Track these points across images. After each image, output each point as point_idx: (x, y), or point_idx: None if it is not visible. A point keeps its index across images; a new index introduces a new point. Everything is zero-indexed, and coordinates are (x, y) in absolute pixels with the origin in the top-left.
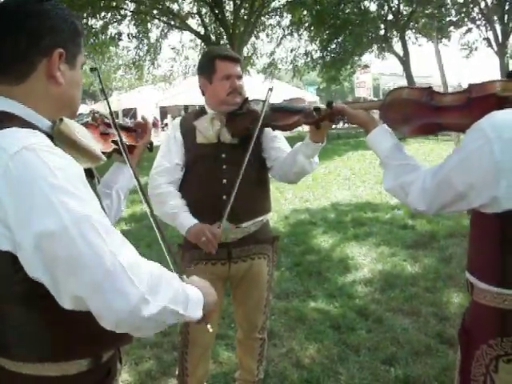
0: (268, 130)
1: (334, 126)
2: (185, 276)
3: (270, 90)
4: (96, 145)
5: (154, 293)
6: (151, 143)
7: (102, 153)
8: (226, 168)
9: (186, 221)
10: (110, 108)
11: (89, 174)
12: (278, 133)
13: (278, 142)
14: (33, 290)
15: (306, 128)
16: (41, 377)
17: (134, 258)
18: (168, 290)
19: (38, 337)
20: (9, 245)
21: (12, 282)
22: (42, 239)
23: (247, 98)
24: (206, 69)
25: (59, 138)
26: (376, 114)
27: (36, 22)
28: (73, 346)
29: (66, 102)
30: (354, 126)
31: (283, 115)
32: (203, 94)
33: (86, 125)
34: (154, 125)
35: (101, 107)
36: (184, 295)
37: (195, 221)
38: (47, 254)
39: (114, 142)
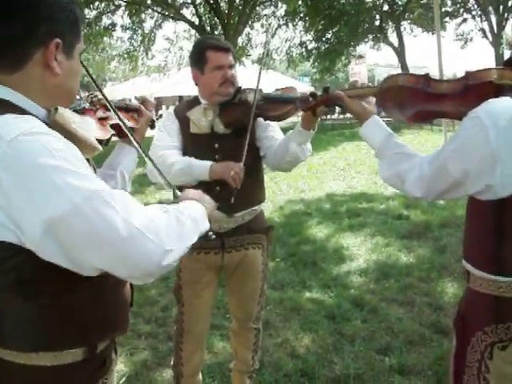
0: (261, 119)
1: (328, 117)
2: (178, 192)
3: (269, 31)
4: (93, 134)
5: (174, 241)
6: (153, 120)
7: (101, 140)
8: (219, 159)
9: (203, 163)
10: (102, 93)
11: None
12: (271, 122)
13: (271, 131)
14: (26, 277)
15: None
16: (35, 366)
17: (146, 216)
18: (184, 231)
19: (30, 325)
20: (9, 234)
21: (4, 270)
22: (56, 223)
23: (240, 88)
24: (197, 60)
25: (55, 128)
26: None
27: (34, 10)
28: (66, 335)
29: (63, 92)
30: (349, 116)
31: (276, 105)
32: (196, 85)
33: (84, 110)
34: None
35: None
36: (194, 223)
37: (211, 161)
38: (63, 236)
39: (113, 126)
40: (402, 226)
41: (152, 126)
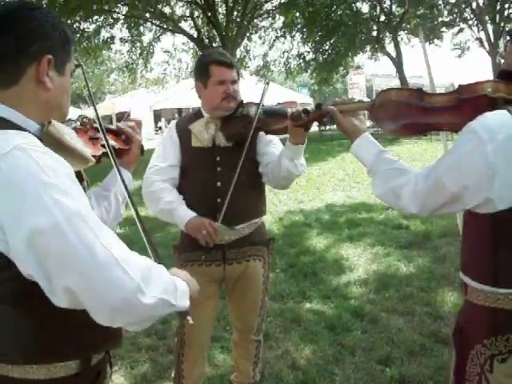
0: (263, 133)
1: (328, 127)
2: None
3: (267, 84)
4: (84, 147)
5: (148, 284)
6: (142, 146)
7: (93, 155)
8: (221, 171)
9: (184, 214)
10: (95, 108)
11: (78, 177)
12: (273, 137)
13: (271, 147)
14: (20, 289)
15: None
16: (29, 380)
17: (126, 251)
18: (160, 281)
19: (23, 338)
20: (1, 244)
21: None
22: (35, 236)
23: (242, 102)
24: (201, 73)
25: (48, 139)
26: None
27: (26, 27)
28: (59, 348)
29: (55, 107)
30: None
31: (276, 119)
32: (200, 98)
33: (74, 130)
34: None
35: (93, 113)
36: (173, 286)
37: (193, 214)
38: (40, 250)
39: (103, 146)
40: (401, 235)
41: (141, 152)
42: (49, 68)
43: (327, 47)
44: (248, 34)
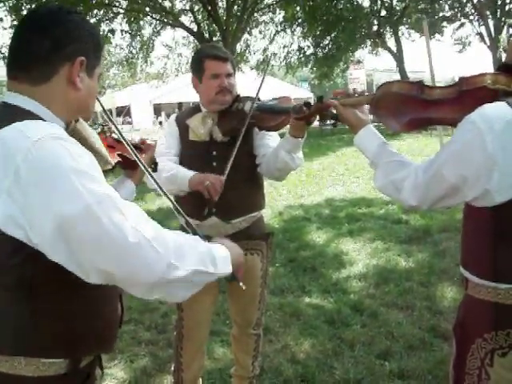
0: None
1: (327, 122)
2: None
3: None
4: (104, 149)
5: (181, 258)
6: (156, 163)
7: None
8: (216, 165)
9: (186, 172)
10: (119, 131)
11: None
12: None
13: (267, 139)
14: (27, 277)
15: None
16: (18, 376)
17: (156, 229)
18: (193, 254)
19: (20, 327)
20: (18, 230)
21: (7, 267)
22: (67, 221)
23: (238, 96)
24: (196, 68)
25: (74, 136)
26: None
27: (63, 29)
28: (52, 343)
29: (82, 107)
30: None
31: (270, 116)
32: (197, 92)
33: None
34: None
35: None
36: (211, 255)
37: (195, 172)
38: (71, 235)
39: (119, 155)
40: (401, 230)
41: (154, 169)
42: (81, 69)
43: (327, 42)
44: (248, 29)
